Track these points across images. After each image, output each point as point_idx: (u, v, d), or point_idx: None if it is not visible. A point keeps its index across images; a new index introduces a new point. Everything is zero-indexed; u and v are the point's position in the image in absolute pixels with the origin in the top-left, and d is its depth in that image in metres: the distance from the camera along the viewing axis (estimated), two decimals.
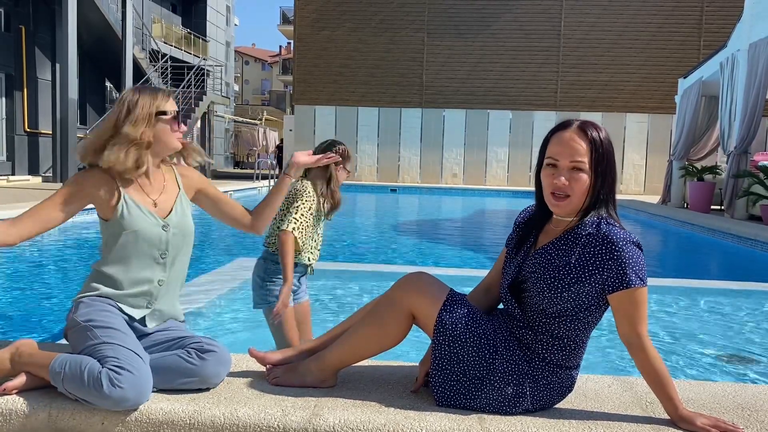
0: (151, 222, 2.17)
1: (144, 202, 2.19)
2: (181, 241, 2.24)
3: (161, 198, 2.23)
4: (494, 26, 23.85)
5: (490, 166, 24.31)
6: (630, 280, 1.84)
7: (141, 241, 2.15)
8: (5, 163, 16.68)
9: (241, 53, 59.74)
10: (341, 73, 24.51)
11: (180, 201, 2.28)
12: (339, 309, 4.40)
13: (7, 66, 16.51)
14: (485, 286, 2.21)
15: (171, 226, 2.21)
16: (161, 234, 2.18)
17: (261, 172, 21.83)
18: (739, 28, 12.04)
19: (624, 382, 2.28)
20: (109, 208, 2.14)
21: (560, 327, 1.94)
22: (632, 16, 23.38)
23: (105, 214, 2.15)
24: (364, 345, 2.09)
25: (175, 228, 2.22)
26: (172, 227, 2.21)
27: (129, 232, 2.13)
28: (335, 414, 1.90)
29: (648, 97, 23.45)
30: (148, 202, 2.20)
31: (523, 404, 1.94)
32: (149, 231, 2.16)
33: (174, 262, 2.24)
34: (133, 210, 2.15)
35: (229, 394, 2.03)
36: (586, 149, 1.89)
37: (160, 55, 23.23)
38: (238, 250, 7.63)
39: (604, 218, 1.92)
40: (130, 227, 2.13)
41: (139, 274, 2.16)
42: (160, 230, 2.18)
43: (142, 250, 2.16)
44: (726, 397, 2.15)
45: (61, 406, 1.94)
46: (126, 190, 2.17)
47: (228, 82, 36.65)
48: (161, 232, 2.19)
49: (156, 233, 2.17)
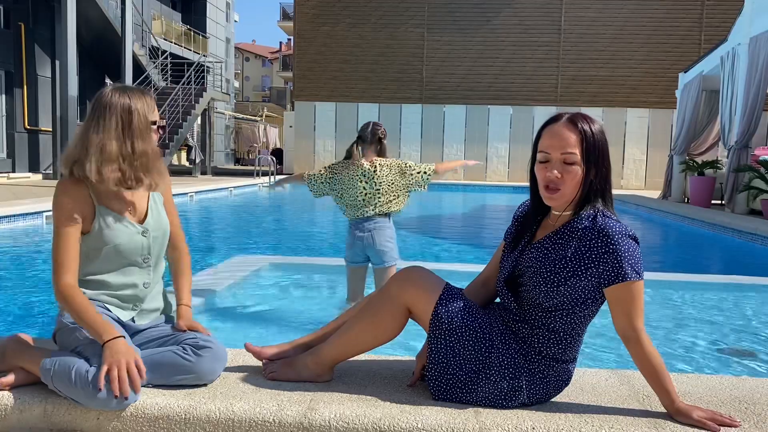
0: (130, 232, 2.10)
1: (119, 209, 2.11)
2: (162, 241, 2.21)
3: (135, 201, 2.16)
4: (494, 21, 23.81)
5: (490, 161, 24.29)
6: (626, 273, 1.83)
7: (123, 253, 2.10)
8: (5, 160, 16.69)
9: (241, 50, 59.70)
10: (341, 70, 24.49)
11: (153, 199, 2.22)
12: (336, 304, 4.40)
13: (7, 63, 16.50)
14: (482, 280, 2.21)
15: (150, 231, 2.15)
16: (142, 241, 2.13)
17: (261, 168, 21.83)
18: (740, 22, 12.00)
19: (621, 375, 2.28)
20: (86, 221, 2.05)
21: (556, 321, 1.94)
22: (633, 11, 23.33)
23: (83, 227, 2.06)
24: (360, 339, 2.08)
25: (154, 231, 2.17)
26: (151, 231, 2.16)
27: (109, 246, 2.07)
28: (331, 408, 1.89)
29: (649, 92, 23.41)
30: (123, 208, 2.12)
31: (519, 398, 1.94)
32: (130, 242, 2.10)
33: (157, 262, 2.21)
34: (110, 222, 2.07)
35: (224, 388, 2.03)
36: (576, 140, 1.88)
37: (159, 51, 23.21)
38: (235, 248, 7.63)
39: (600, 211, 1.91)
40: (110, 241, 2.07)
41: (123, 280, 2.12)
42: (140, 237, 2.13)
43: (124, 259, 2.11)
44: (723, 390, 2.14)
45: (56, 401, 1.93)
46: (100, 200, 2.08)
47: (228, 78, 36.62)
48: (141, 239, 2.13)
49: (137, 241, 2.12)
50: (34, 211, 8.65)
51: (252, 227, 10.02)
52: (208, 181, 18.10)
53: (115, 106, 2.04)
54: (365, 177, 4.03)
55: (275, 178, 19.53)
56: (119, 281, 2.12)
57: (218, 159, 33.52)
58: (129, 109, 2.05)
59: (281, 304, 4.44)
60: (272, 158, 20.99)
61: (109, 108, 2.05)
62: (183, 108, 20.00)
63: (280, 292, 4.77)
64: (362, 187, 4.03)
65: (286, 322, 3.97)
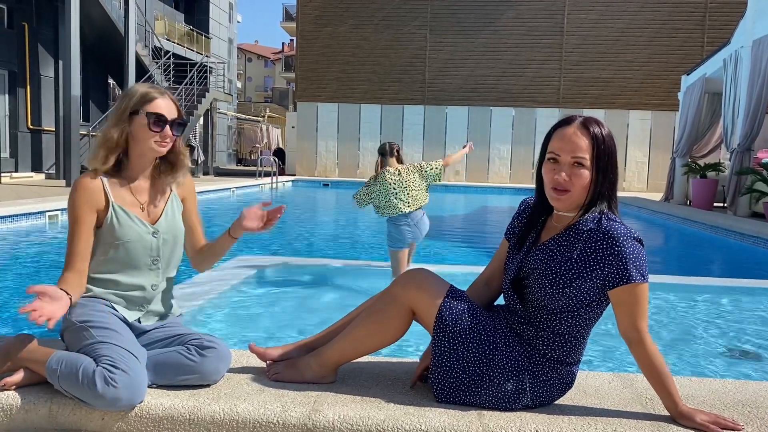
0: (140, 230, 2.13)
1: (133, 207, 2.14)
2: (172, 245, 2.22)
3: (152, 201, 2.19)
4: (497, 23, 23.80)
5: (492, 163, 24.27)
6: (631, 275, 1.83)
7: (132, 251, 2.12)
8: (8, 160, 16.70)
9: (243, 50, 59.71)
10: (344, 70, 24.48)
11: (171, 203, 2.24)
12: (340, 305, 4.41)
13: (11, 63, 16.52)
14: (485, 279, 2.21)
15: (161, 233, 2.17)
16: (151, 241, 2.15)
17: (263, 169, 21.83)
18: (743, 25, 11.99)
19: (624, 378, 2.28)
20: (99, 216, 2.10)
21: (561, 323, 1.94)
22: (635, 13, 23.31)
23: (97, 221, 2.11)
24: (364, 341, 2.09)
25: (165, 234, 2.18)
26: (162, 233, 2.17)
27: (119, 243, 2.10)
28: (335, 410, 1.90)
29: (651, 94, 23.38)
30: (137, 207, 2.15)
31: (522, 400, 1.94)
32: (139, 240, 2.12)
33: (168, 265, 2.22)
34: (122, 218, 2.11)
35: (228, 389, 2.04)
36: (588, 145, 1.89)
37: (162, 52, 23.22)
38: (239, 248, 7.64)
39: (605, 214, 1.92)
40: (120, 238, 2.10)
41: (132, 280, 2.14)
42: (150, 237, 2.15)
43: (133, 258, 2.13)
44: (726, 394, 2.14)
45: (61, 401, 1.94)
46: (114, 197, 2.12)
47: (231, 79, 36.65)
48: (151, 239, 2.15)
49: (146, 241, 2.14)
50: (37, 211, 8.66)
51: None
52: (210, 181, 18.11)
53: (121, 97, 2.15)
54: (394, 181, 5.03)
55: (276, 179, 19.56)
56: (127, 282, 2.14)
57: (220, 159, 33.54)
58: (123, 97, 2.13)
59: (285, 305, 4.44)
60: (275, 159, 21.00)
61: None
62: (185, 108, 20.01)
63: (284, 293, 4.77)
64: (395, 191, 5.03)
65: (290, 324, 3.98)
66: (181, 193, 2.30)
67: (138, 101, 2.10)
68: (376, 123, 24.46)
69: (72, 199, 2.09)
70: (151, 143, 2.11)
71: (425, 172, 5.15)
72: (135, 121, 2.10)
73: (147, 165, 2.19)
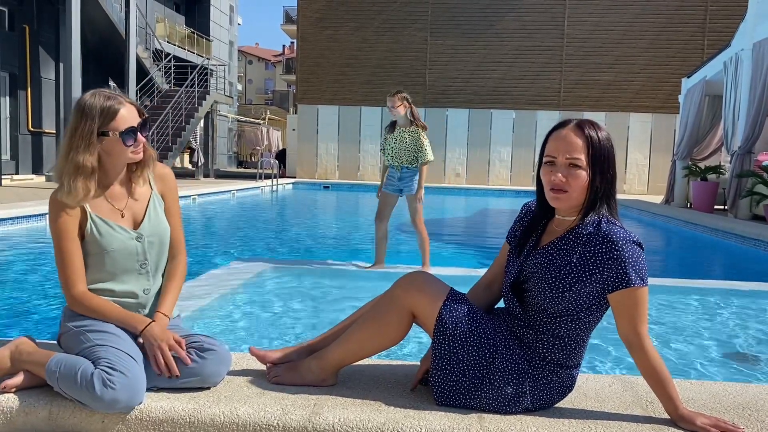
0: (122, 237, 2.11)
1: (112, 215, 2.12)
2: (159, 246, 2.20)
3: (131, 205, 2.16)
4: (497, 26, 23.82)
5: (493, 165, 24.28)
6: (630, 279, 1.84)
7: (117, 259, 2.11)
8: (9, 162, 16.71)
9: (244, 52, 59.78)
10: (344, 73, 24.50)
11: (153, 203, 2.21)
12: (339, 308, 4.41)
13: (11, 65, 16.54)
14: (486, 282, 2.21)
15: (145, 236, 2.15)
16: (136, 246, 2.14)
17: (264, 171, 21.85)
18: (743, 28, 12.00)
19: (624, 381, 2.28)
20: (81, 229, 2.08)
21: (561, 326, 1.94)
22: (636, 16, 23.33)
23: (80, 234, 2.09)
24: (365, 344, 2.09)
25: (150, 237, 2.16)
26: (146, 237, 2.15)
27: (104, 253, 2.09)
28: (335, 413, 1.90)
29: (651, 97, 23.40)
30: (116, 215, 2.13)
31: (523, 403, 1.94)
32: (123, 248, 2.11)
33: (157, 267, 2.21)
34: (102, 228, 2.09)
35: (229, 392, 2.04)
36: (582, 146, 1.89)
37: (163, 54, 23.27)
38: (238, 251, 7.64)
39: (605, 217, 1.92)
40: (104, 248, 2.09)
41: (123, 288, 2.13)
42: (134, 242, 2.13)
43: (120, 266, 2.12)
44: (727, 397, 2.14)
45: (61, 404, 1.94)
46: (92, 206, 2.10)
47: (231, 81, 36.69)
48: (135, 244, 2.13)
49: (131, 247, 2.12)
50: (37, 213, 8.66)
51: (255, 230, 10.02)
52: (210, 183, 18.12)
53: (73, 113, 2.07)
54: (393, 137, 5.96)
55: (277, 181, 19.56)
56: (119, 289, 2.13)
57: (221, 162, 33.56)
58: (74, 121, 2.04)
59: (285, 307, 4.44)
60: (275, 161, 21.01)
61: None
62: (186, 111, 20.04)
63: (284, 296, 4.77)
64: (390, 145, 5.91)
65: (290, 326, 3.97)
66: (161, 189, 2.25)
67: (103, 120, 2.02)
68: (376, 125, 24.47)
69: (52, 217, 2.06)
70: (127, 154, 2.09)
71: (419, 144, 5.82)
72: (105, 141, 2.05)
73: (121, 170, 2.16)
